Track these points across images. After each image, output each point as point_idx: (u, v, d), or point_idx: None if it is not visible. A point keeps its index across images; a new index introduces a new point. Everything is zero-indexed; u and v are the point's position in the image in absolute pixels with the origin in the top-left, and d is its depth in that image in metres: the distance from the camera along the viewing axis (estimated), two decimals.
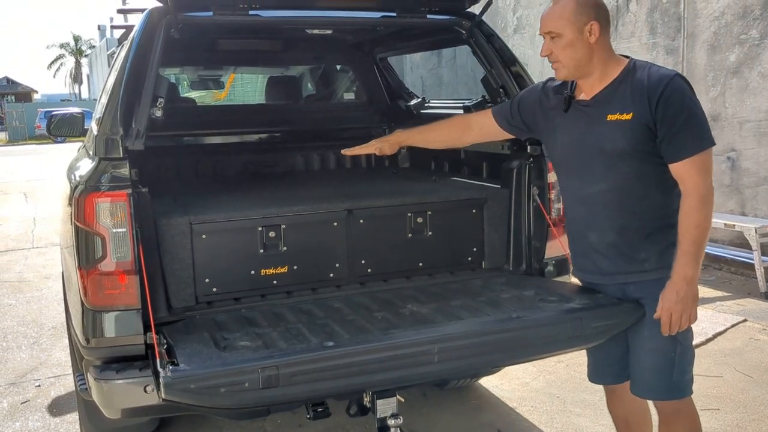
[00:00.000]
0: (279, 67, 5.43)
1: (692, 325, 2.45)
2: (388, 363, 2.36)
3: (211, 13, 3.07)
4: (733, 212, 6.86)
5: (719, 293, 6.17)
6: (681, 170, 2.34)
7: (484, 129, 2.95)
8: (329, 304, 2.91)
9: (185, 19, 3.01)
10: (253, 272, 2.94)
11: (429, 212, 3.22)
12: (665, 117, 2.31)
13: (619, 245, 2.50)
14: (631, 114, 2.37)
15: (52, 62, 71.09)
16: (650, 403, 2.72)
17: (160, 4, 2.99)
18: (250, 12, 3.12)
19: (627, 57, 2.49)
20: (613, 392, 2.78)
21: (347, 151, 3.13)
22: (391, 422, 2.47)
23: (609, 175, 2.46)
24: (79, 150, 3.61)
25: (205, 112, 5.29)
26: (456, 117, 3.30)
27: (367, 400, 2.50)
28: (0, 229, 10.53)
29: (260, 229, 2.93)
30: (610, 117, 2.41)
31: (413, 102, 4.70)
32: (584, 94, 2.51)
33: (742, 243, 6.42)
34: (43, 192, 14.06)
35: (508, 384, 4.29)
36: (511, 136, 2.94)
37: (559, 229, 3.22)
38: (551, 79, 2.67)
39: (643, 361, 2.52)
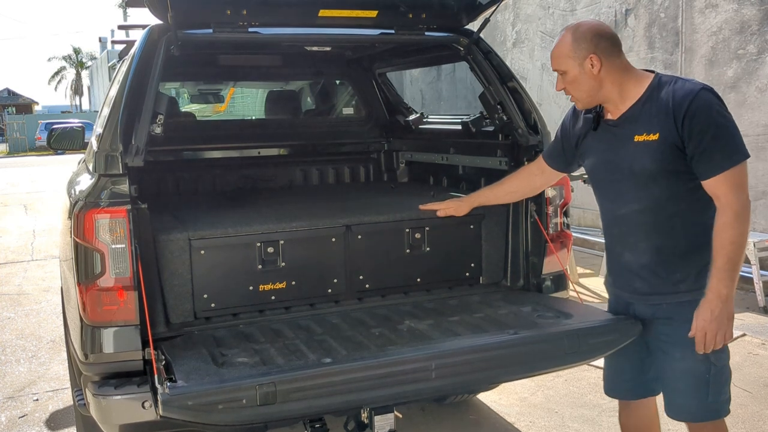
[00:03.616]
0: (278, 82, 5.46)
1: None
2: (385, 379, 2.37)
3: (210, 31, 3.09)
4: None
5: None
6: (714, 187, 2.28)
7: (546, 172, 2.91)
8: (327, 319, 2.93)
9: (185, 37, 3.04)
10: (251, 288, 2.95)
11: (427, 228, 3.23)
12: (692, 134, 2.26)
13: (654, 266, 2.45)
14: (657, 134, 2.32)
15: (54, 75, 71.22)
16: (660, 416, 2.70)
17: (160, 21, 3.02)
18: (249, 29, 3.15)
19: (652, 72, 2.44)
20: (627, 407, 2.76)
21: (423, 207, 3.23)
22: None
23: (640, 196, 2.42)
24: (79, 164, 3.63)
25: (205, 126, 5.32)
26: (522, 168, 3.16)
27: (364, 416, 2.50)
28: None
29: (259, 244, 2.94)
30: (637, 138, 2.37)
31: (412, 117, 4.73)
32: (611, 114, 2.49)
33: None
34: (43, 204, 14.06)
35: (507, 399, 4.29)
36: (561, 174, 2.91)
37: (557, 245, 3.23)
38: None
39: (677, 383, 2.48)
